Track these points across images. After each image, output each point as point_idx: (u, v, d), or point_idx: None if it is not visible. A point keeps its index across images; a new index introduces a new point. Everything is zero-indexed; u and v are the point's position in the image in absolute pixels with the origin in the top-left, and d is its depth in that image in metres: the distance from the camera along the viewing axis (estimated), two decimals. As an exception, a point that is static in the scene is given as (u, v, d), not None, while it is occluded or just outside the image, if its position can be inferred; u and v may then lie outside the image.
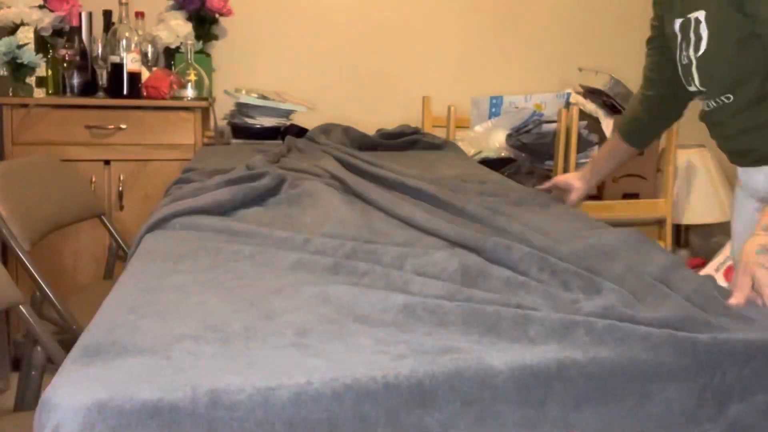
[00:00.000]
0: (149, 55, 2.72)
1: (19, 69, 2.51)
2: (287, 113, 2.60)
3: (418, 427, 0.70)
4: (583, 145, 2.83)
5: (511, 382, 0.73)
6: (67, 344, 0.90)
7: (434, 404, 0.71)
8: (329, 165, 1.72)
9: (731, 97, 1.29)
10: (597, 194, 2.92)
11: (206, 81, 2.66)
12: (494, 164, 2.52)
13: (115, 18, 2.63)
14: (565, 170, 2.77)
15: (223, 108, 2.79)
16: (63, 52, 2.52)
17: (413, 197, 1.49)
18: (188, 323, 0.81)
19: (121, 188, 2.50)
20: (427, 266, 1.03)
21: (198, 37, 2.83)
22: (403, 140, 2.36)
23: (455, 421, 0.71)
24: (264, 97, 2.57)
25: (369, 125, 3.10)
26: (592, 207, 2.79)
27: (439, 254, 1.06)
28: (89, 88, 2.57)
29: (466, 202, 1.39)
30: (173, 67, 2.75)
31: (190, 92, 2.61)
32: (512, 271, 1.01)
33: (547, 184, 1.70)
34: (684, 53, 1.32)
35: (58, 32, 2.65)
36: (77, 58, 2.53)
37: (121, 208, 2.51)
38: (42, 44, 2.60)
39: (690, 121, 1.75)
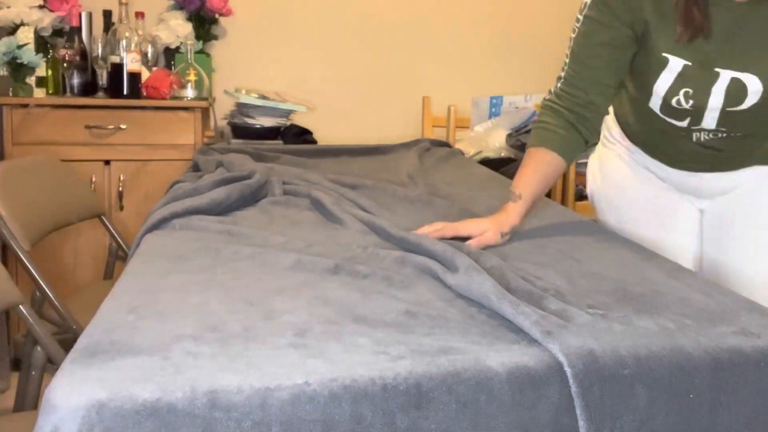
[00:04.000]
0: (149, 55, 2.72)
1: (19, 69, 2.51)
2: (287, 113, 2.60)
3: (413, 429, 0.70)
4: (583, 145, 2.82)
5: (507, 385, 0.73)
6: (67, 344, 0.90)
7: (430, 406, 0.71)
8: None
9: (739, 133, 1.25)
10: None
11: (206, 81, 2.66)
12: (494, 164, 2.52)
13: (115, 18, 2.63)
14: (565, 170, 2.76)
15: (223, 108, 2.79)
16: (63, 52, 2.52)
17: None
18: (187, 323, 0.81)
19: (121, 188, 2.50)
20: (426, 266, 1.03)
21: (198, 37, 2.83)
22: None
23: (450, 424, 0.71)
24: (264, 97, 2.57)
25: (369, 125, 3.11)
26: (592, 207, 2.78)
27: (439, 245, 1.06)
28: (89, 88, 2.57)
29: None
30: (173, 67, 2.75)
31: (190, 92, 2.61)
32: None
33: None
34: (693, 99, 1.20)
35: (58, 32, 2.65)
36: (77, 58, 2.53)
37: (121, 208, 2.51)
38: (42, 44, 2.60)
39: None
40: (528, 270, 1.03)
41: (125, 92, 2.49)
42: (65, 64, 2.53)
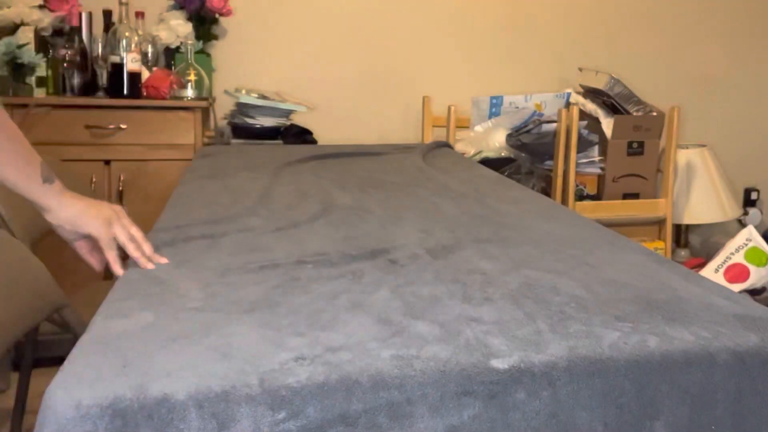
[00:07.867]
0: (149, 55, 2.72)
1: (19, 69, 2.51)
2: (287, 113, 2.60)
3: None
4: (583, 145, 2.83)
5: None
6: (67, 344, 0.90)
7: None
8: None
9: None
10: (597, 194, 2.91)
11: (206, 81, 2.66)
12: (494, 164, 2.52)
13: (115, 18, 2.63)
14: (565, 170, 2.77)
15: (223, 108, 2.79)
16: (63, 52, 2.52)
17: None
18: (188, 326, 0.81)
19: (121, 188, 2.50)
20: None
21: (198, 37, 2.83)
22: None
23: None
24: (264, 97, 2.57)
25: (369, 125, 3.11)
26: (592, 207, 2.79)
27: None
28: (89, 88, 2.57)
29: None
30: (173, 67, 2.75)
31: (190, 92, 2.61)
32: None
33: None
34: None
35: (58, 32, 2.65)
36: (77, 58, 2.53)
37: (121, 208, 2.51)
38: (42, 44, 2.60)
39: (690, 121, 1.75)
40: (544, 280, 0.99)
41: (125, 92, 2.49)
42: (65, 64, 2.53)
